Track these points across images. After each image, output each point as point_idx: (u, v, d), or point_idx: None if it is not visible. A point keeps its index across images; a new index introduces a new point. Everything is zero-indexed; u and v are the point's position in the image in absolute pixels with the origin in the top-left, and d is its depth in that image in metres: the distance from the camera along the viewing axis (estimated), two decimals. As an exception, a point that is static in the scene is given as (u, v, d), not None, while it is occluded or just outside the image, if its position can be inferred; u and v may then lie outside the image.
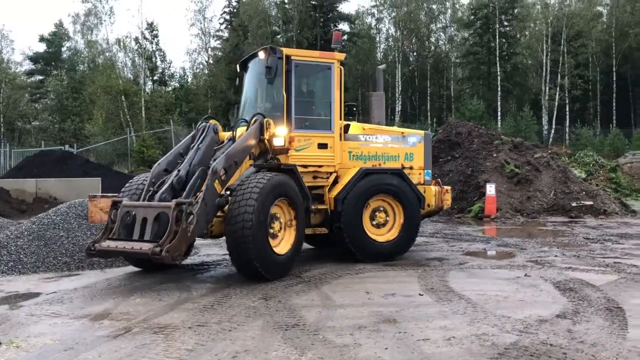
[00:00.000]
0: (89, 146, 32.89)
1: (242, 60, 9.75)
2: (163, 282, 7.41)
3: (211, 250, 10.32)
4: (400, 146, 9.56)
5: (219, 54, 49.79)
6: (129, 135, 32.39)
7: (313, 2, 50.22)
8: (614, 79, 46.06)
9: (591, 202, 16.33)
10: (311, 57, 8.97)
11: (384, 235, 9.00)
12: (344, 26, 55.15)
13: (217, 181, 7.20)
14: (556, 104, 44.20)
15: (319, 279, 7.51)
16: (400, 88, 49.86)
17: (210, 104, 44.00)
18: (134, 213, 7.11)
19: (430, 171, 9.87)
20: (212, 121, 8.48)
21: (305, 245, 10.89)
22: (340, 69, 8.83)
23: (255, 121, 8.12)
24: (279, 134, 8.19)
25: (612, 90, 46.21)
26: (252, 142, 7.99)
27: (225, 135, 8.50)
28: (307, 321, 5.44)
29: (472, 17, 49.78)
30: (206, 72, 49.41)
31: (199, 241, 11.16)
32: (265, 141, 8.10)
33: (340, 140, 8.87)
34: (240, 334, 5.05)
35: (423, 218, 10.10)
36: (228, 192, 7.34)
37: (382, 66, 12.09)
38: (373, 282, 7.27)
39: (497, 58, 45.73)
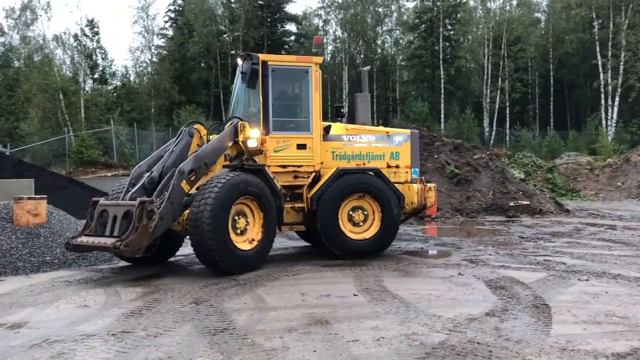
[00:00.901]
0: (24, 146, 31.51)
1: (234, 65, 10.09)
2: (91, 287, 7.13)
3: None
4: (385, 145, 9.74)
5: (164, 52, 48.75)
6: (67, 135, 31.22)
7: (260, 2, 49.89)
8: (552, 82, 47.76)
9: (528, 202, 16.82)
10: (288, 62, 9.45)
11: (362, 233, 9.13)
12: (291, 27, 55.09)
13: (184, 181, 7.76)
14: (497, 106, 45.48)
15: (255, 281, 7.39)
16: (347, 90, 50.16)
17: (154, 103, 42.98)
18: (107, 211, 7.74)
19: (417, 169, 9.99)
20: (197, 125, 9.02)
21: (302, 243, 11.11)
22: (318, 72, 9.08)
23: (230, 124, 8.66)
24: (252, 136, 8.53)
25: (549, 94, 47.89)
26: (226, 144, 8.47)
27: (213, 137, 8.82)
28: (237, 325, 5.32)
29: (417, 20, 50.57)
30: (150, 70, 48.27)
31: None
32: (240, 143, 8.52)
33: (322, 140, 9.17)
34: (166, 340, 4.87)
35: (409, 216, 10.26)
36: (196, 192, 7.76)
37: (367, 68, 12.10)
38: (309, 284, 7.21)
39: (441, 61, 46.63)
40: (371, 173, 9.30)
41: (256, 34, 47.82)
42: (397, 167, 9.72)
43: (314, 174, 9.09)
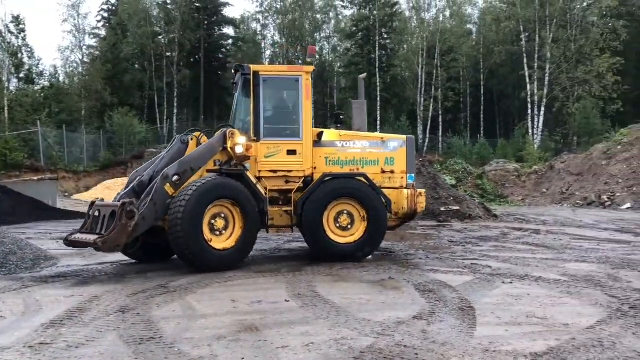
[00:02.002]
0: (-59, 148, 29.67)
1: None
2: (8, 297, 6.76)
3: (72, 261, 9.63)
4: (379, 151, 9.82)
5: (96, 52, 47.22)
6: (-11, 137, 29.67)
7: (197, 5, 49.24)
8: (482, 92, 49.54)
9: (458, 207, 17.36)
10: (279, 72, 9.99)
11: (348, 237, 9.26)
12: (229, 30, 54.66)
13: (168, 184, 8.36)
14: (430, 114, 46.76)
15: (185, 288, 7.24)
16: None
17: (85, 105, 41.50)
18: (100, 211, 8.49)
19: (413, 175, 10.00)
20: (197, 133, 9.62)
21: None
22: (309, 81, 9.39)
23: (219, 131, 9.18)
24: (239, 142, 8.92)
25: (480, 103, 49.67)
26: (214, 150, 8.96)
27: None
28: (165, 334, 5.19)
29: (354, 28, 51.29)
30: (80, 71, 46.61)
31: (59, 251, 10.43)
32: (229, 149, 8.90)
33: (315, 146, 9.46)
34: (88, 351, 4.69)
35: (403, 222, 10.21)
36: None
37: (363, 75, 12.10)
38: (241, 290, 7.13)
39: (377, 69, 47.46)
40: (360, 178, 9.38)
41: (193, 36, 47.15)
42: (392, 172, 9.79)
43: (304, 179, 9.35)
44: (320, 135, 9.60)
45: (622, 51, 42.84)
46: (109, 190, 28.67)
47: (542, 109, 42.58)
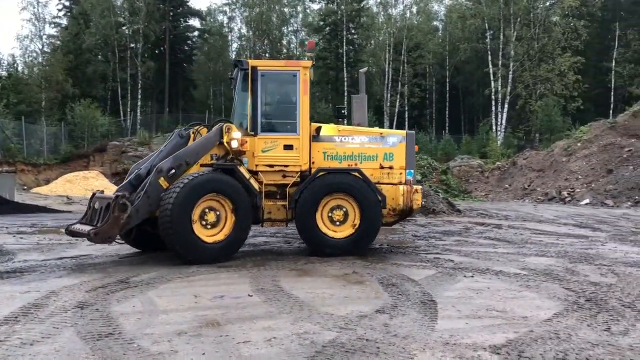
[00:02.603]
0: None
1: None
2: (-39, 293, 6.53)
3: (30, 256, 9.37)
4: (378, 146, 9.72)
5: (57, 42, 46.04)
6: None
7: (162, -5, 48.49)
8: (447, 89, 50.21)
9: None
10: (277, 67, 9.87)
11: (341, 232, 9.23)
12: (195, 22, 53.95)
13: (162, 178, 8.56)
14: (397, 110, 47.14)
15: (147, 283, 7.11)
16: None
17: (45, 96, 40.42)
18: (98, 203, 8.81)
19: (412, 171, 9.86)
20: (198, 127, 9.76)
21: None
22: (307, 76, 9.37)
23: (216, 126, 9.28)
24: (234, 137, 9.06)
25: (445, 99, 50.33)
26: (210, 144, 9.13)
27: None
28: (124, 329, 5.08)
29: (322, 23, 51.29)
30: (40, 61, 45.35)
31: (15, 246, 10.16)
32: (225, 144, 9.07)
33: (313, 141, 9.48)
34: (43, 348, 4.56)
35: (400, 218, 10.03)
36: None
37: (364, 69, 11.98)
38: (203, 285, 7.04)
39: (345, 64, 47.56)
40: (354, 173, 9.33)
41: (157, 27, 46.43)
42: (390, 168, 9.69)
43: (300, 173, 9.39)
44: (318, 130, 9.59)
45: (582, 50, 43.99)
46: (70, 184, 28.06)
47: (506, 106, 43.37)
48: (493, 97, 43.64)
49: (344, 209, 9.27)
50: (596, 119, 33.06)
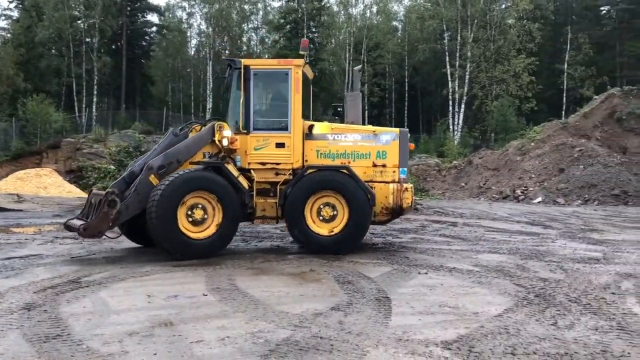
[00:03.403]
0: None
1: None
2: None
3: (-25, 256, 9.04)
4: (371, 144, 9.67)
5: (8, 35, 44.51)
6: None
7: (119, -11, 47.44)
8: (406, 89, 50.70)
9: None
10: (270, 65, 10.12)
11: (330, 230, 9.23)
12: (153, 17, 52.99)
13: (152, 175, 8.79)
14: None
15: (99, 283, 6.97)
16: (211, 85, 49.35)
17: (-6, 90, 39.05)
18: (94, 198, 9.12)
19: (405, 169, 9.78)
20: (194, 126, 9.88)
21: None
22: (299, 74, 9.40)
23: (208, 125, 9.45)
24: (225, 135, 9.21)
25: (404, 99, 50.83)
26: (202, 143, 9.33)
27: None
28: (73, 330, 4.97)
29: (282, 20, 51.12)
30: (-11, 54, 43.75)
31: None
32: (217, 142, 9.23)
33: (306, 139, 9.52)
34: (-14, 351, 4.41)
35: (392, 217, 9.89)
36: None
37: (358, 67, 11.83)
38: (157, 285, 6.94)
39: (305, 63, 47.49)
40: (343, 171, 9.29)
41: (114, 22, 45.42)
42: (383, 166, 9.64)
43: (292, 171, 9.42)
44: (311, 128, 9.60)
45: (536, 52, 45.12)
46: (22, 182, 27.22)
47: (462, 106, 44.13)
48: (450, 97, 44.33)
49: (333, 207, 9.27)
50: (549, 119, 33.98)
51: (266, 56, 58.48)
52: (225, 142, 9.24)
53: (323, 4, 50.50)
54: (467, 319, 5.45)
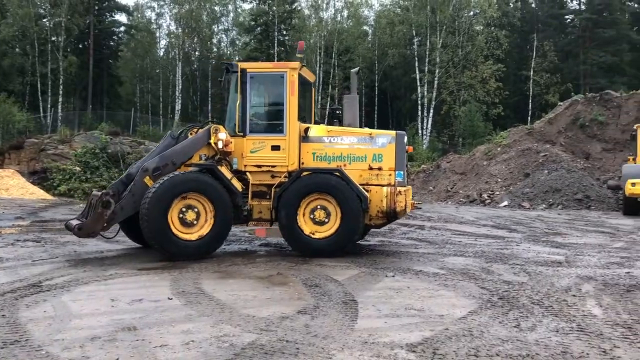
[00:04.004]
0: None
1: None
2: None
3: None
4: (367, 147, 9.59)
5: (-31, 33, 43.28)
6: None
7: (86, -12, 46.60)
8: (376, 93, 51.12)
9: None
10: (265, 68, 10.21)
11: (322, 232, 9.21)
12: (121, 17, 52.23)
13: (147, 177, 8.98)
14: (327, 112, 47.47)
15: (61, 287, 6.82)
16: (180, 87, 48.88)
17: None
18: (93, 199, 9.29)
19: (402, 172, 9.65)
20: (194, 129, 9.92)
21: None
22: (294, 77, 9.43)
23: (205, 127, 9.57)
24: (220, 138, 9.29)
25: (374, 103, 51.21)
26: (198, 145, 9.45)
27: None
28: (32, 336, 4.85)
29: (253, 23, 51.00)
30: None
31: None
32: (213, 144, 9.33)
33: (303, 142, 9.54)
34: (-60, 358, 4.27)
35: (388, 221, 9.78)
36: None
37: (355, 69, 11.70)
38: (121, 288, 6.83)
39: (276, 65, 47.43)
40: (335, 173, 9.24)
41: (81, 21, 44.60)
42: (379, 169, 9.56)
43: (287, 174, 9.41)
44: (307, 130, 9.58)
45: (503, 59, 46.02)
46: (-18, 183, 26.44)
47: (431, 110, 44.70)
48: (419, 102, 44.85)
49: (326, 210, 9.23)
50: (515, 125, 34.64)
51: (237, 58, 58.33)
52: (220, 145, 9.30)
53: (294, 7, 50.58)
54: (432, 321, 5.50)
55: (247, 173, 9.49)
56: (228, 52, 61.26)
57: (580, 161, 26.65)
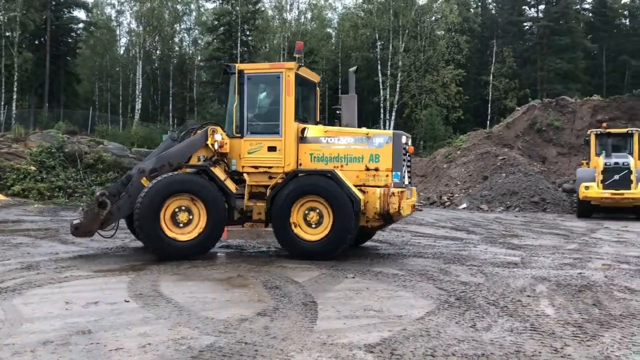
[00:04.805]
0: None
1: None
2: None
3: None
4: (364, 147, 9.39)
5: None
6: None
7: (44, -17, 45.36)
8: (340, 95, 51.31)
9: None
10: (262, 69, 10.07)
11: (315, 235, 9.10)
12: (80, 14, 51.02)
13: (144, 178, 9.13)
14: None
15: (12, 290, 6.61)
16: (141, 86, 48.06)
17: None
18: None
19: (399, 173, 9.37)
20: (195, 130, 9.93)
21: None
22: (290, 77, 9.38)
23: (203, 129, 9.62)
24: (216, 139, 9.35)
25: (338, 105, 51.39)
26: (195, 147, 9.52)
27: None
28: (-19, 341, 4.69)
29: (216, 22, 50.55)
30: None
31: None
32: (210, 146, 9.37)
33: (300, 142, 9.49)
34: None
35: (385, 223, 9.57)
36: None
37: (353, 68, 11.50)
38: (77, 291, 6.67)
39: (239, 65, 47.14)
40: (328, 175, 9.10)
41: (37, 16, 43.29)
42: (376, 170, 9.32)
43: (283, 175, 9.32)
44: (303, 131, 9.50)
45: (464, 64, 46.87)
46: None
47: (393, 114, 45.14)
48: (382, 105, 45.24)
49: (319, 212, 9.12)
50: (474, 128, 35.27)
51: (199, 57, 57.74)
52: (215, 146, 9.35)
53: (257, 7, 50.34)
54: (391, 322, 5.56)
55: (245, 174, 9.47)
56: (190, 51, 60.60)
57: (536, 165, 27.32)
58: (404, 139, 9.73)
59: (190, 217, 8.96)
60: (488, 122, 46.22)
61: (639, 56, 52.12)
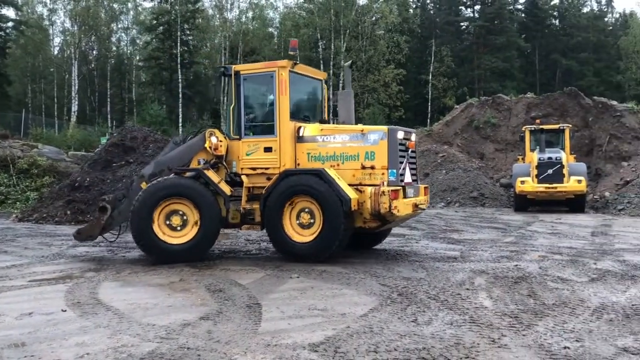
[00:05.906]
0: None
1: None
2: None
3: None
4: (359, 145, 9.08)
5: None
6: None
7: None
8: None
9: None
10: (257, 69, 9.78)
11: (307, 236, 8.93)
12: (9, 12, 48.81)
13: (144, 183, 9.23)
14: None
15: (-61, 304, 6.27)
16: (77, 87, 46.48)
17: None
18: None
19: (395, 171, 8.98)
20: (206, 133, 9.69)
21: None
22: (283, 75, 9.18)
23: (202, 132, 9.66)
24: (212, 142, 9.35)
25: (280, 105, 51.34)
26: (194, 150, 9.56)
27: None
28: None
29: (155, 21, 49.49)
30: None
31: None
32: (208, 148, 9.38)
33: (297, 142, 9.34)
34: None
35: (381, 224, 9.06)
36: None
37: (348, 63, 11.48)
38: (9, 302, 6.40)
39: (179, 65, 46.39)
40: (317, 174, 8.88)
41: (-37, 15, 41.18)
42: (372, 168, 8.98)
43: (279, 176, 9.17)
44: (299, 130, 9.35)
45: (404, 63, 47.78)
46: None
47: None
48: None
49: (311, 213, 8.92)
50: (415, 127, 36.01)
51: (137, 57, 56.38)
52: (213, 149, 9.38)
53: (197, 6, 49.62)
54: (335, 320, 5.61)
55: (243, 176, 9.39)
56: (128, 51, 59.11)
57: (475, 161, 28.13)
58: (401, 135, 9.33)
59: (184, 221, 9.01)
60: (428, 121, 47.24)
61: (569, 55, 54.63)
